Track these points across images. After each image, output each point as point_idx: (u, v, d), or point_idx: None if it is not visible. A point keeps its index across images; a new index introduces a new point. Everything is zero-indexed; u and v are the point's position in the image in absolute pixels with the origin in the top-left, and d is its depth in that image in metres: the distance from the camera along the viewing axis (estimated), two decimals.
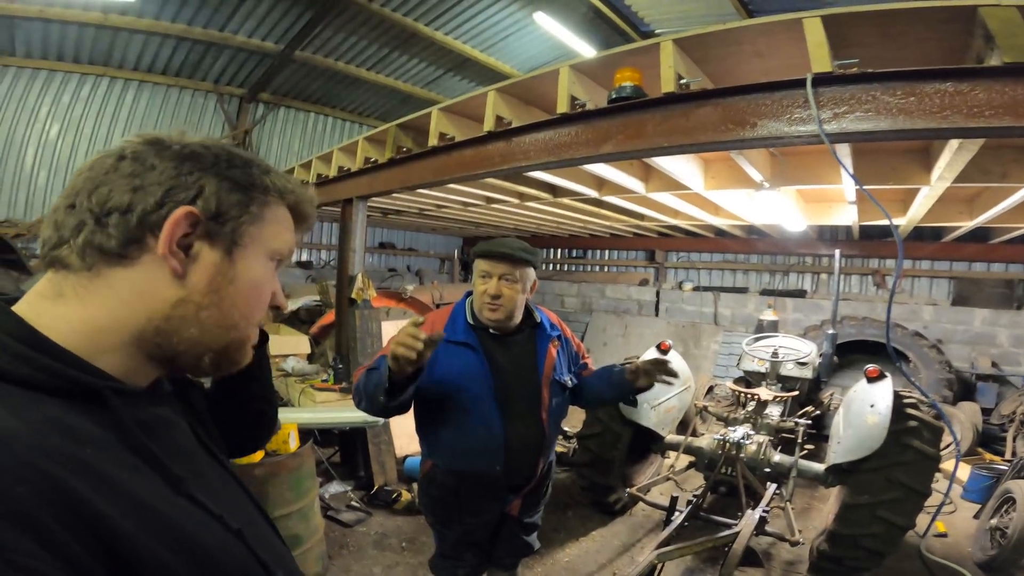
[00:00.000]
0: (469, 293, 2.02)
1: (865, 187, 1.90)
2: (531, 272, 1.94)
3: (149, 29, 6.62)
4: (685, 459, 3.93)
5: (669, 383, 1.94)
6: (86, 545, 0.45)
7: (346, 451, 4.55)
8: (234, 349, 0.69)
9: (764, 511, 3.13)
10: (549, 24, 7.51)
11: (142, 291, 0.61)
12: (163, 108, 7.72)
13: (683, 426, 4.19)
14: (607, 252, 10.30)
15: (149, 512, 0.52)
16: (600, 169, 3.49)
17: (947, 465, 4.22)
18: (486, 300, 1.88)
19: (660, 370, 1.91)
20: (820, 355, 4.69)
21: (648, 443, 4.04)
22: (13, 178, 6.67)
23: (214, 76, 7.97)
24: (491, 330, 1.94)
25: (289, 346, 5.34)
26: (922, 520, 3.13)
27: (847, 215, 4.46)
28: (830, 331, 4.85)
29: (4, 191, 6.62)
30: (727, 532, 2.96)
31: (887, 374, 3.29)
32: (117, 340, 0.60)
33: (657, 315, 8.94)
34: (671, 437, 3.97)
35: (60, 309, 0.59)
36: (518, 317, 1.96)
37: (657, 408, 3.79)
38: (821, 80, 2.01)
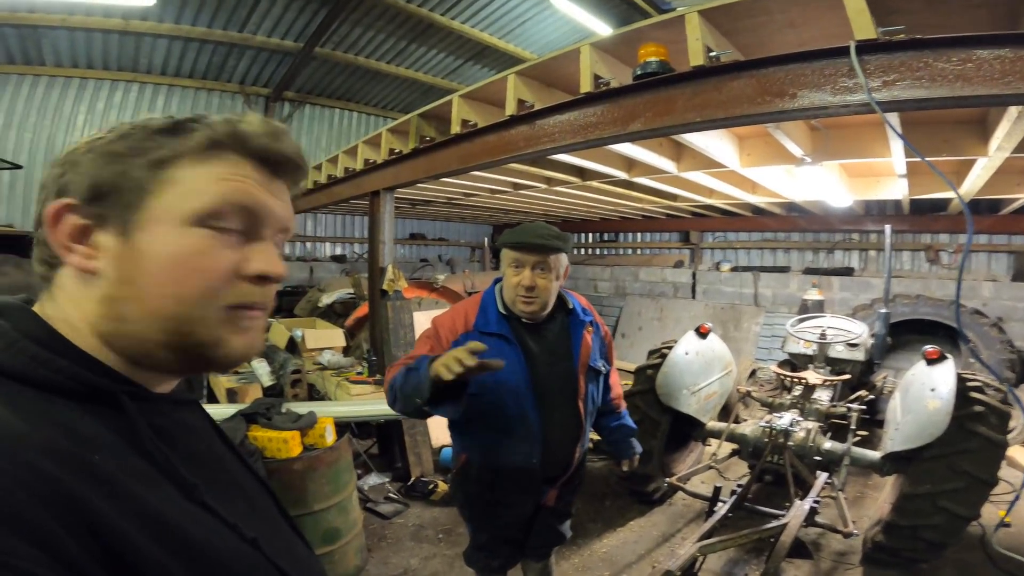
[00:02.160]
0: (498, 280, 1.96)
1: (925, 158, 1.76)
2: (564, 258, 1.87)
3: (171, 33, 6.73)
4: (728, 447, 3.79)
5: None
6: (87, 549, 0.43)
7: (384, 442, 4.59)
8: (193, 342, 0.58)
9: (814, 501, 2.99)
10: (567, 6, 7.30)
11: (74, 297, 0.57)
12: (193, 111, 7.82)
13: (725, 412, 4.05)
14: (640, 235, 10.06)
15: (156, 519, 0.50)
16: (629, 149, 3.37)
17: (1012, 451, 3.96)
18: (520, 292, 1.82)
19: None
20: (872, 336, 4.45)
21: (688, 430, 3.92)
22: None
23: (239, 77, 8.08)
24: (523, 319, 1.89)
25: (325, 339, 5.41)
26: (986, 509, 2.94)
27: (897, 189, 4.19)
28: (882, 310, 4.60)
29: None
30: (774, 523, 2.84)
31: (948, 355, 3.08)
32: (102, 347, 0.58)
33: (694, 297, 8.69)
34: (712, 424, 3.83)
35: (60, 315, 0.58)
36: (551, 305, 1.90)
37: (697, 394, 3.67)
38: (866, 48, 1.89)
